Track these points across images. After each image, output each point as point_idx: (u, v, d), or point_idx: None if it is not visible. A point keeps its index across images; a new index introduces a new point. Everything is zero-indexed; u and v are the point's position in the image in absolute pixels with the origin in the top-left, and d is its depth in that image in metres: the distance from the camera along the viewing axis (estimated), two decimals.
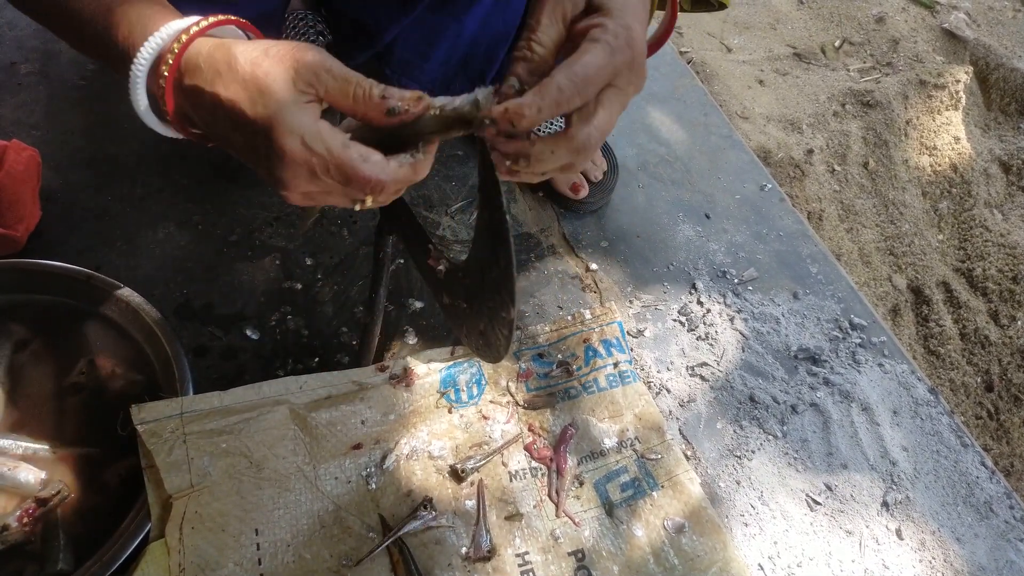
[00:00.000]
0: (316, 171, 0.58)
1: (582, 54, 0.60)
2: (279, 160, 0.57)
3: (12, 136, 1.05)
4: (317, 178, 0.58)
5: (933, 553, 0.91)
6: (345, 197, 0.61)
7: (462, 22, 1.01)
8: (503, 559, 0.80)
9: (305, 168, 0.58)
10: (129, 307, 0.89)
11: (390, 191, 0.61)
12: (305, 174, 0.58)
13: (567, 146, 0.61)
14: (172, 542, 0.73)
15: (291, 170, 0.58)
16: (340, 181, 0.59)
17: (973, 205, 1.97)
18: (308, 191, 0.60)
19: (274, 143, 0.56)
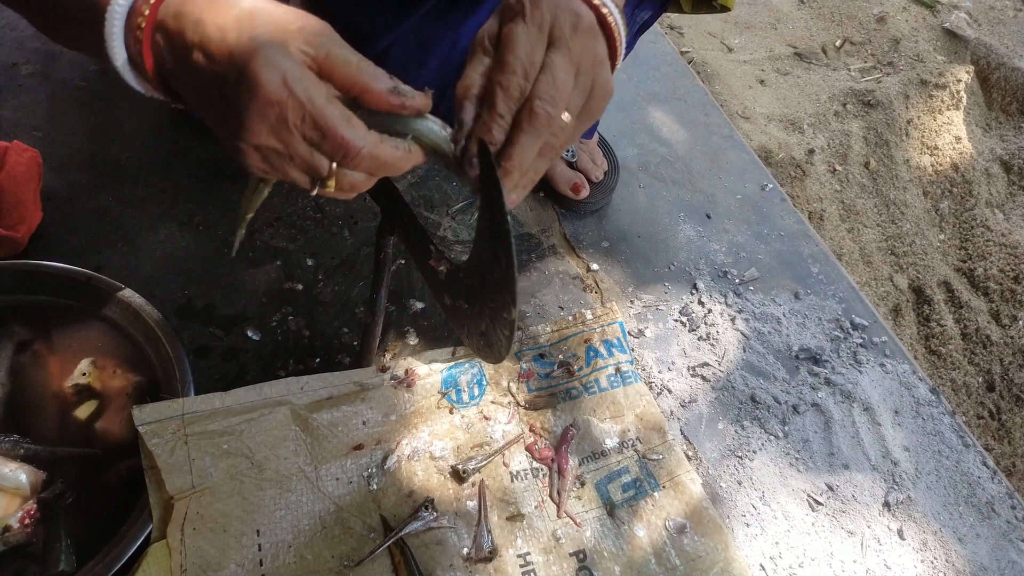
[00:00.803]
0: (287, 119, 0.52)
1: (502, 45, 0.60)
2: (250, 96, 0.51)
3: (13, 137, 1.05)
4: (285, 129, 0.53)
5: (935, 553, 0.91)
6: (307, 166, 0.56)
7: (457, 32, 1.01)
8: (504, 560, 0.80)
9: (276, 111, 0.52)
10: (130, 308, 0.89)
11: (363, 166, 0.57)
12: (273, 120, 0.52)
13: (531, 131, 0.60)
14: (174, 543, 0.73)
15: (259, 112, 0.52)
16: (311, 137, 0.54)
17: (974, 205, 1.97)
18: (268, 145, 0.54)
19: (250, 74, 0.51)
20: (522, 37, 0.59)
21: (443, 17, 1.00)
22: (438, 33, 1.02)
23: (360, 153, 0.55)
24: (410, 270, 1.09)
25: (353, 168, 0.57)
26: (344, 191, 0.59)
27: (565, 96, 0.61)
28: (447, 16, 1.00)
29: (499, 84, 0.59)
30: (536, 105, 0.59)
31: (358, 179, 0.58)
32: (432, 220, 1.17)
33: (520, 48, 0.59)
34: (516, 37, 0.59)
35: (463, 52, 1.05)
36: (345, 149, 0.54)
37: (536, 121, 0.60)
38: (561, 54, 0.60)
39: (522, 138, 0.61)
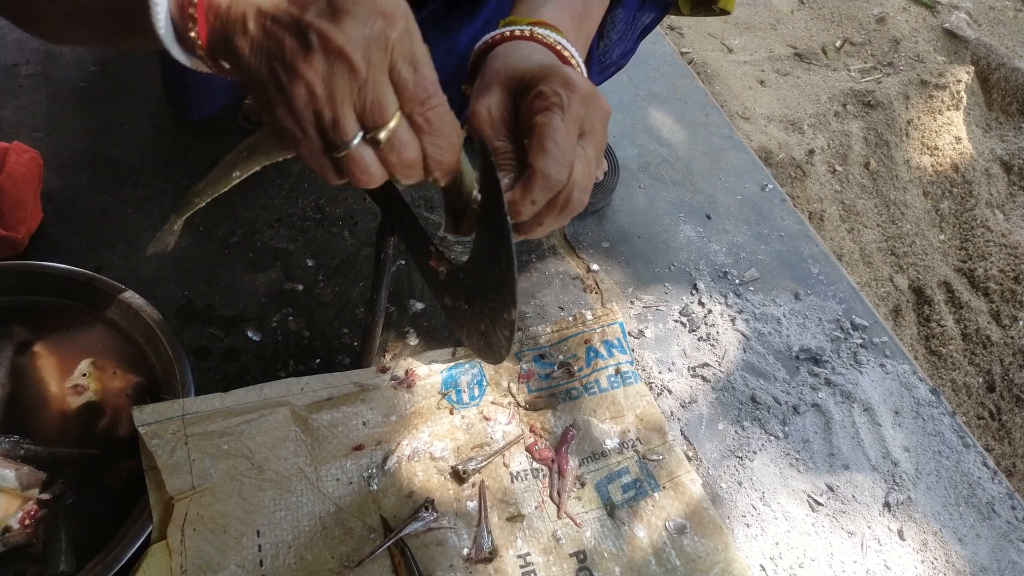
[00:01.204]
0: (387, 37, 0.48)
1: (542, 129, 0.60)
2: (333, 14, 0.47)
3: (13, 138, 1.05)
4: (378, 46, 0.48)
5: (935, 554, 0.91)
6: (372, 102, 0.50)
7: (453, 39, 1.02)
8: (505, 560, 0.80)
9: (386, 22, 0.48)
10: (130, 309, 0.89)
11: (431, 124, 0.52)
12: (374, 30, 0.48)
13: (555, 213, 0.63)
14: (174, 543, 0.73)
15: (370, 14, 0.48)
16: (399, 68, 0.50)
17: (974, 205, 1.97)
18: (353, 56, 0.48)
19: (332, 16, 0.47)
20: (562, 129, 0.60)
21: (439, 24, 1.00)
22: (434, 39, 1.02)
23: (439, 108, 0.52)
24: (410, 271, 1.10)
25: (422, 124, 0.53)
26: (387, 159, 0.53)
27: (591, 181, 0.63)
28: (443, 23, 1.00)
29: (540, 171, 0.59)
30: (574, 196, 0.62)
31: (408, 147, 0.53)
32: (432, 220, 1.17)
33: (561, 139, 0.60)
34: (557, 128, 0.60)
35: (459, 57, 1.06)
36: (428, 94, 0.51)
37: (570, 209, 0.63)
38: (592, 145, 0.63)
39: (549, 220, 0.63)
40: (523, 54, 0.68)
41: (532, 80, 0.63)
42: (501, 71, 0.66)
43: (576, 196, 0.62)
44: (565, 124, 0.60)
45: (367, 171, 0.53)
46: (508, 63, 0.67)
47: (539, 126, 0.60)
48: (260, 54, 0.50)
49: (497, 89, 0.65)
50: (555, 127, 0.60)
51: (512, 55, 0.68)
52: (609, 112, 0.65)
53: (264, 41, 0.50)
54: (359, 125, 0.51)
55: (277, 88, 0.50)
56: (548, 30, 0.71)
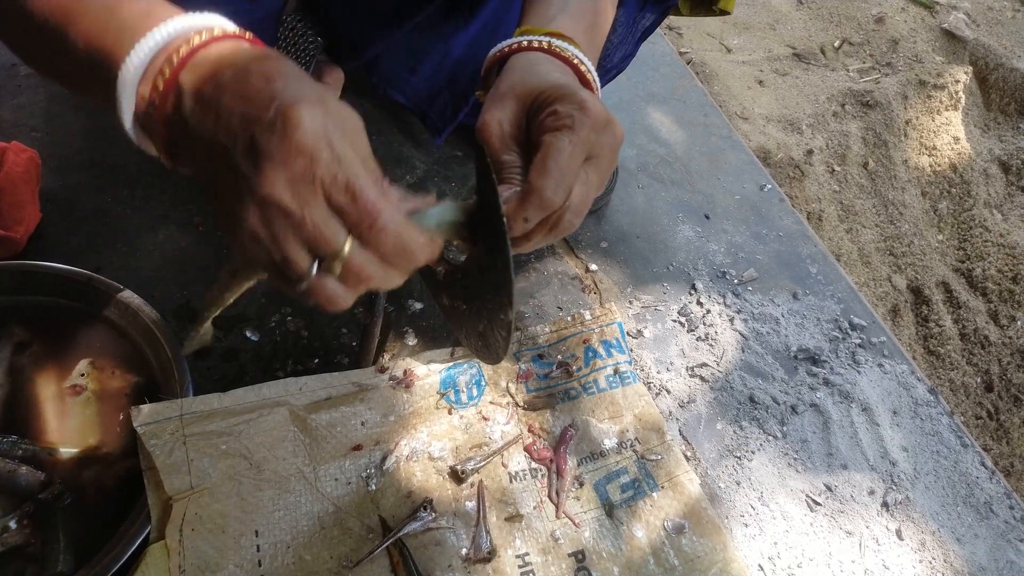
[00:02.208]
0: (315, 172, 0.47)
1: (548, 148, 0.60)
2: (281, 138, 0.46)
3: (12, 138, 1.05)
4: (308, 184, 0.48)
5: (933, 553, 0.91)
6: (316, 237, 0.49)
7: (448, 44, 1.02)
8: (503, 560, 0.80)
9: (305, 161, 0.47)
10: (129, 308, 0.89)
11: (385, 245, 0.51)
12: (299, 169, 0.47)
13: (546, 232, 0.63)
14: (172, 543, 0.73)
15: (286, 157, 0.47)
16: (337, 200, 0.49)
17: (973, 205, 1.97)
18: (280, 201, 0.48)
19: (291, 115, 0.46)
20: (567, 151, 0.60)
21: (435, 29, 1.00)
22: (430, 43, 1.02)
23: (387, 227, 0.50)
24: None
25: (374, 245, 0.51)
26: (348, 282, 0.53)
27: (587, 207, 0.64)
28: (439, 28, 1.00)
29: (537, 190, 0.59)
30: (566, 218, 0.62)
31: (368, 266, 0.52)
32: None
33: (564, 161, 0.60)
34: (562, 150, 0.60)
35: (454, 61, 1.06)
36: (373, 217, 0.50)
37: (560, 230, 0.63)
38: (596, 171, 0.63)
39: (538, 237, 0.63)
40: (541, 70, 0.67)
41: (547, 99, 0.63)
42: (517, 85, 0.66)
43: (568, 219, 0.62)
44: (572, 147, 0.60)
45: (333, 298, 0.53)
46: (525, 78, 0.66)
47: (545, 145, 0.60)
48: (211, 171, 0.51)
49: (511, 103, 0.65)
50: (561, 148, 0.59)
51: (530, 70, 0.67)
52: (621, 139, 0.65)
53: (211, 161, 0.50)
54: (311, 257, 0.51)
55: (233, 219, 0.50)
56: (565, 42, 0.71)
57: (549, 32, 0.71)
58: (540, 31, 0.71)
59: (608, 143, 0.63)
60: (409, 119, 1.29)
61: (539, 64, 0.68)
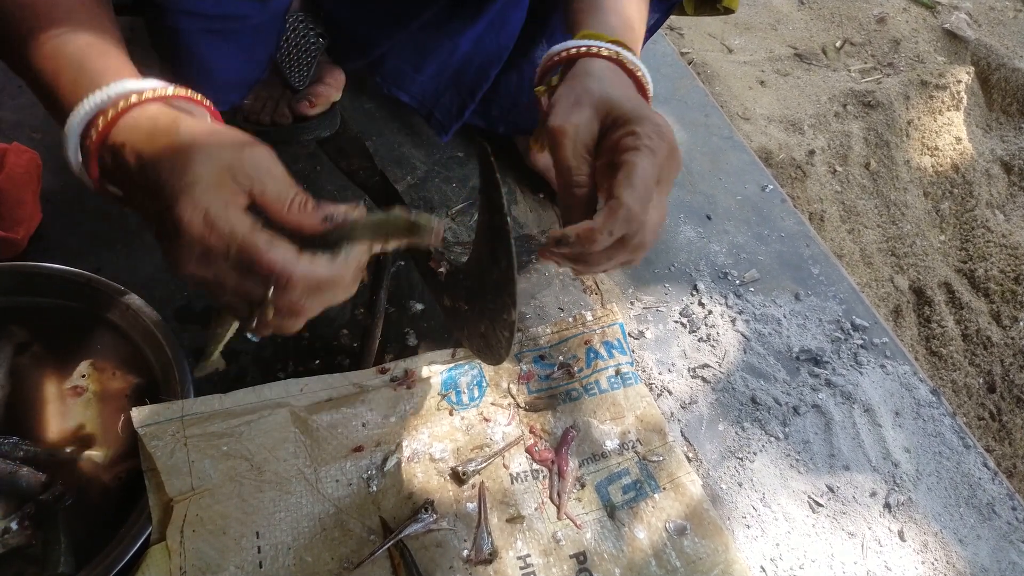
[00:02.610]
0: (212, 253, 0.53)
1: (632, 167, 0.62)
2: (176, 233, 0.52)
3: (13, 139, 1.05)
4: (212, 262, 0.53)
5: (935, 555, 0.91)
6: (240, 291, 0.55)
7: (455, 41, 1.02)
8: (504, 562, 0.80)
9: (199, 248, 0.53)
10: (130, 309, 0.89)
11: (298, 290, 0.55)
12: (198, 254, 0.53)
13: (624, 250, 0.64)
14: (173, 545, 0.73)
15: (185, 247, 0.53)
16: (238, 267, 0.53)
17: (975, 206, 1.97)
18: (198, 275, 0.54)
19: (174, 215, 0.52)
20: (650, 171, 0.62)
21: (441, 27, 1.00)
22: (435, 42, 1.02)
23: (292, 276, 0.54)
24: (410, 271, 1.09)
25: (290, 291, 0.55)
26: (287, 316, 0.57)
27: (660, 226, 0.66)
28: (446, 26, 1.00)
29: (626, 204, 0.61)
30: (647, 238, 0.64)
31: (296, 301, 0.56)
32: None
33: (649, 179, 0.62)
34: (646, 169, 0.62)
35: (460, 59, 1.06)
36: (276, 273, 0.53)
37: (640, 249, 0.64)
38: (664, 195, 0.65)
39: (619, 256, 0.65)
40: (615, 84, 0.69)
41: (626, 117, 0.65)
42: (595, 93, 0.67)
43: (648, 239, 0.64)
44: (653, 168, 0.62)
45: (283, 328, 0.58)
46: (603, 88, 0.68)
47: (629, 164, 0.62)
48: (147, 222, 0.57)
49: (588, 111, 0.66)
50: (644, 168, 0.62)
51: (603, 80, 0.69)
52: (680, 168, 0.67)
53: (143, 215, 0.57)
54: (247, 304, 0.56)
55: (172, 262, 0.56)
56: (630, 53, 0.72)
57: (615, 41, 0.72)
58: (605, 38, 0.72)
59: (674, 169, 0.66)
60: (410, 119, 1.29)
61: (608, 75, 0.70)
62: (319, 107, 1.12)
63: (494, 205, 0.63)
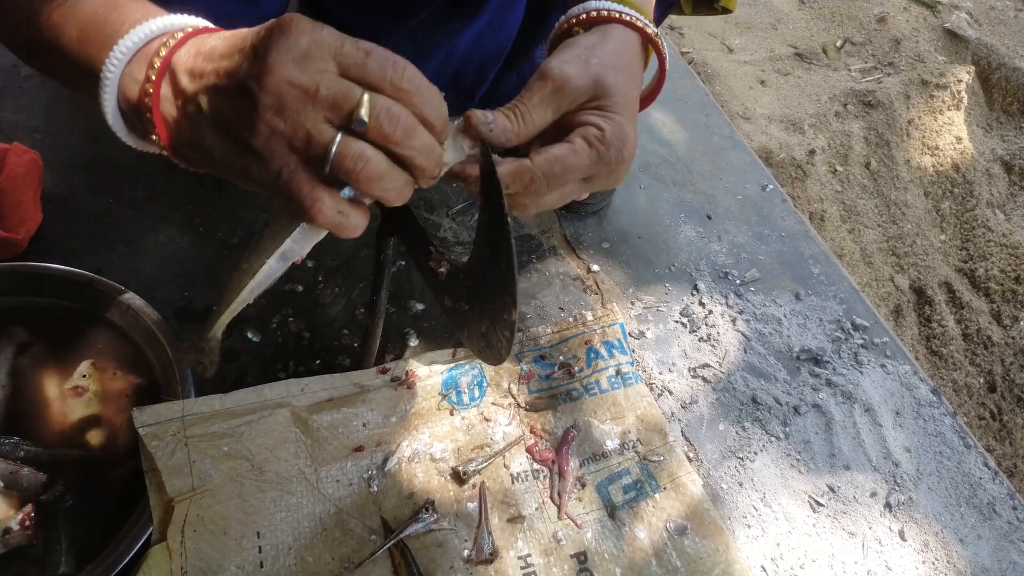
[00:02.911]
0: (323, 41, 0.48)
1: (567, 148, 0.61)
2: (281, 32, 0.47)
3: (13, 139, 1.05)
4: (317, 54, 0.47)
5: (936, 554, 0.91)
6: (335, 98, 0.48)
7: (454, 41, 1.02)
8: (505, 562, 0.80)
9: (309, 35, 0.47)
10: (130, 310, 0.89)
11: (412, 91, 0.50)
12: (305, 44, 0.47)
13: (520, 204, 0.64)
14: (174, 545, 0.73)
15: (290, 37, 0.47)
16: (351, 59, 0.48)
17: (975, 205, 1.97)
18: (292, 80, 0.47)
19: (284, 20, 0.48)
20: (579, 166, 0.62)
21: (440, 26, 1.00)
22: (435, 41, 1.02)
23: (407, 67, 0.50)
24: (410, 272, 1.09)
25: (401, 85, 0.50)
26: (385, 125, 0.49)
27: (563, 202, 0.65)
28: (444, 25, 1.00)
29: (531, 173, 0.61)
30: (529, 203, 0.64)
31: (392, 108, 0.50)
32: (432, 221, 1.17)
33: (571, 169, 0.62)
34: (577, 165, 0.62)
35: (460, 60, 1.06)
36: (391, 59, 0.49)
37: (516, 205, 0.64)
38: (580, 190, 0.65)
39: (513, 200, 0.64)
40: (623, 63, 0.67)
41: (607, 107, 0.64)
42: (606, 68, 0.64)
43: (528, 205, 0.64)
44: (587, 166, 0.62)
45: (361, 156, 0.49)
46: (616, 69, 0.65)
47: (570, 148, 0.62)
48: (218, 129, 0.51)
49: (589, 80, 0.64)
50: (577, 163, 0.61)
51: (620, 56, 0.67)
52: (617, 182, 0.67)
53: (218, 115, 0.51)
54: (333, 128, 0.49)
55: (245, 150, 0.50)
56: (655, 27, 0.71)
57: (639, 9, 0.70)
58: (632, 4, 0.70)
59: (609, 182, 0.65)
60: None
61: (633, 61, 0.68)
62: None
63: (495, 205, 0.63)
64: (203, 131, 0.52)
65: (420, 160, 0.53)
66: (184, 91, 0.53)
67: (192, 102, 0.52)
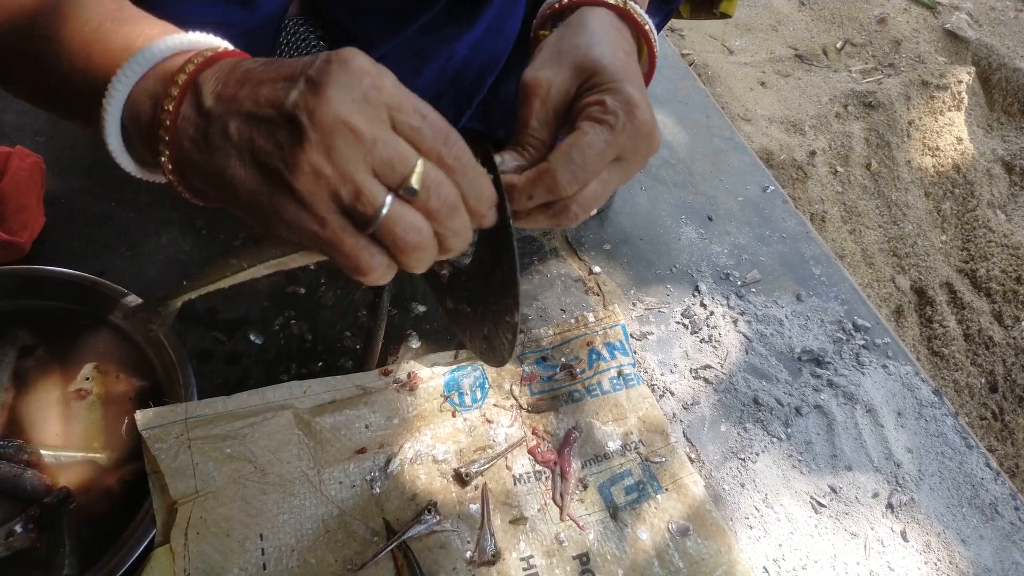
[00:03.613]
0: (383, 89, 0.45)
1: (580, 137, 0.57)
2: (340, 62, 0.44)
3: (16, 142, 1.05)
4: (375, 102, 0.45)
5: (938, 555, 0.91)
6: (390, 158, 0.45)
7: (453, 46, 1.02)
8: (507, 563, 0.80)
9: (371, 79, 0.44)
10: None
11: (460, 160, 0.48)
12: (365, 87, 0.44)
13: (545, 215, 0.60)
14: (177, 547, 0.73)
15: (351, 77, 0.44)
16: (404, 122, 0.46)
17: (976, 206, 1.97)
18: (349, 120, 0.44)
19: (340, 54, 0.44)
20: (598, 147, 0.57)
21: (439, 31, 1.00)
22: (433, 46, 1.03)
23: (459, 143, 0.48)
24: (412, 274, 1.09)
25: (449, 162, 0.48)
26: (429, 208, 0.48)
27: (597, 203, 0.60)
28: (443, 31, 1.00)
29: (552, 173, 0.57)
30: (572, 209, 0.59)
31: (443, 184, 0.48)
32: None
33: (592, 155, 0.57)
34: (593, 144, 0.57)
35: (458, 65, 1.06)
36: (446, 132, 0.47)
37: (563, 219, 0.59)
38: (619, 175, 0.60)
39: (541, 219, 0.60)
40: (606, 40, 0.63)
41: (601, 83, 0.60)
42: (580, 50, 0.61)
43: (574, 210, 0.59)
44: (605, 146, 0.57)
45: (413, 227, 0.48)
46: (591, 45, 0.62)
47: (578, 134, 0.58)
48: (249, 159, 0.47)
49: (567, 70, 0.61)
50: (591, 144, 0.57)
51: (596, 35, 0.63)
52: (656, 150, 0.62)
53: (250, 144, 0.46)
54: (384, 187, 0.47)
55: (279, 188, 0.46)
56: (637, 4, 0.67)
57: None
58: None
59: (643, 151, 0.60)
60: None
61: (605, 29, 0.64)
62: None
63: (496, 207, 0.63)
64: (228, 160, 0.48)
65: (454, 242, 0.52)
66: (210, 114, 0.49)
67: (219, 127, 0.48)
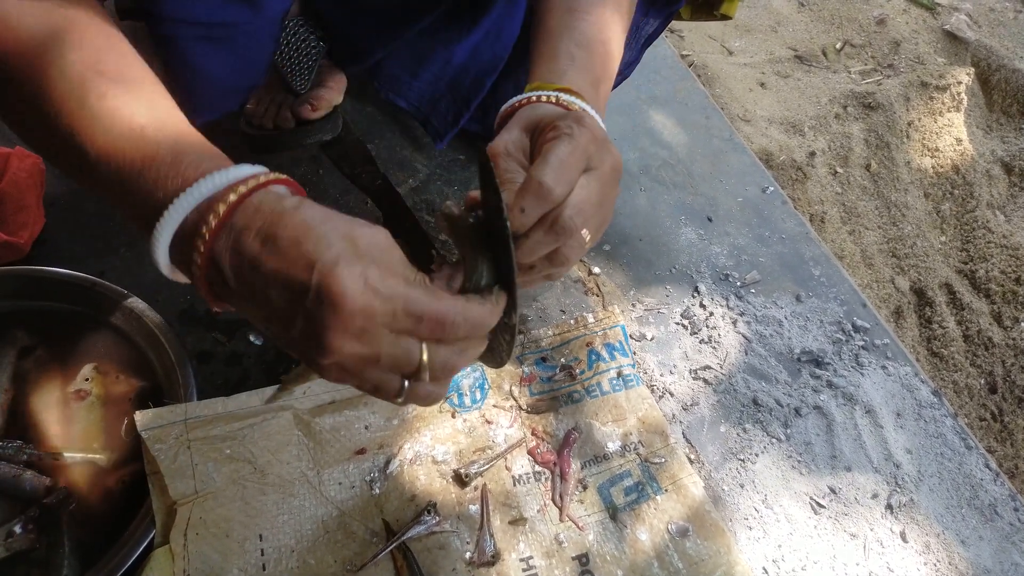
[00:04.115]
0: (375, 321, 0.49)
1: (547, 151, 0.61)
2: (332, 310, 0.48)
3: (16, 143, 1.06)
4: (372, 331, 0.50)
5: (937, 556, 0.91)
6: (395, 362, 0.52)
7: (451, 50, 1.02)
8: (507, 564, 0.80)
9: (362, 317, 0.49)
10: (133, 313, 0.89)
11: (460, 334, 0.53)
12: (360, 325, 0.49)
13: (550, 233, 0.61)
14: (176, 548, 0.73)
15: (343, 324, 0.48)
16: (404, 327, 0.51)
17: (975, 206, 1.97)
18: (354, 353, 0.50)
19: (331, 288, 0.48)
20: (566, 152, 0.60)
21: (437, 35, 1.00)
22: (432, 50, 1.03)
23: (456, 322, 0.52)
24: None
25: (451, 341, 0.54)
26: (439, 378, 0.55)
27: (590, 216, 0.62)
28: (441, 34, 1.01)
29: (534, 178, 0.59)
30: (565, 215, 0.60)
31: (450, 357, 0.55)
32: (434, 224, 1.17)
33: (564, 157, 0.60)
34: (560, 151, 0.60)
35: (457, 68, 1.06)
36: (442, 323, 0.52)
37: (562, 231, 0.61)
38: (596, 180, 0.63)
39: (540, 236, 0.61)
40: (545, 110, 0.69)
41: (549, 121, 0.64)
42: (523, 117, 0.68)
43: (568, 216, 0.60)
44: (572, 149, 0.61)
45: (432, 397, 0.56)
46: (531, 113, 0.68)
47: (545, 148, 0.61)
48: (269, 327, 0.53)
49: (516, 130, 0.67)
50: (559, 149, 0.60)
51: (536, 110, 0.69)
52: (620, 163, 0.65)
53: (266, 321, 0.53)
54: (400, 377, 0.54)
55: (310, 361, 0.53)
56: (574, 97, 0.72)
57: (559, 88, 0.72)
58: (551, 87, 0.72)
59: (608, 160, 0.64)
60: (411, 124, 1.30)
61: (545, 107, 0.70)
62: (321, 110, 1.13)
63: (494, 209, 0.63)
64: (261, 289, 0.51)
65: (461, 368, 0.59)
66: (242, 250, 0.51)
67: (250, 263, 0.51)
